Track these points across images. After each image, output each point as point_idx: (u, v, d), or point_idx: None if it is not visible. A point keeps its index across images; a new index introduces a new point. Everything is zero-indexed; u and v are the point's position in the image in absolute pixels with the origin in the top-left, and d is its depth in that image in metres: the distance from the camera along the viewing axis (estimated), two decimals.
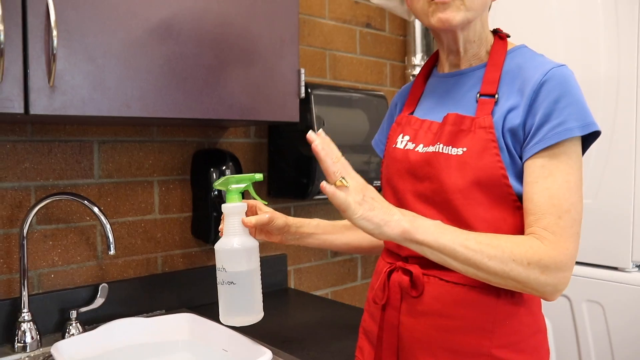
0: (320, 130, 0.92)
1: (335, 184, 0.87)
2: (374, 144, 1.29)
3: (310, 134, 0.90)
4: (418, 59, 2.25)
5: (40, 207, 1.35)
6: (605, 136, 1.67)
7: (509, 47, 1.07)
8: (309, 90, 1.71)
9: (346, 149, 1.74)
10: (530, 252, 0.89)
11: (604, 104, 1.68)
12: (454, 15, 0.99)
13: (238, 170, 1.65)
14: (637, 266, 1.69)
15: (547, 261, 0.89)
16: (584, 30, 1.73)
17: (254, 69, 1.40)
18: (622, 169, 1.65)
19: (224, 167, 1.61)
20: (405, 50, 2.33)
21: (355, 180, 0.89)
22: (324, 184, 0.87)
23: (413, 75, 2.26)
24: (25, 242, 1.34)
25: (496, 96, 1.00)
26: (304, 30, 1.98)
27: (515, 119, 0.96)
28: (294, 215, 1.94)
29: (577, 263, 1.75)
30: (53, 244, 1.46)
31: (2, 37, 1.03)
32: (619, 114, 1.66)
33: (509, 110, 0.97)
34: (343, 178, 0.88)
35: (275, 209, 1.17)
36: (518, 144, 0.97)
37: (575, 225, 0.93)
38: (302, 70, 1.48)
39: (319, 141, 0.89)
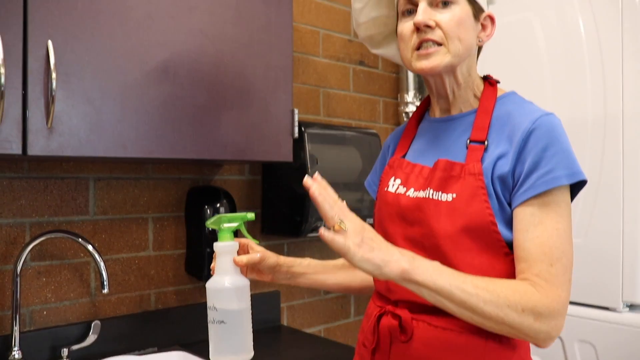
0: (316, 173, 0.94)
1: (333, 228, 0.90)
2: (366, 185, 1.31)
3: (307, 180, 0.92)
4: (410, 96, 2.29)
5: (35, 244, 1.36)
6: (593, 176, 1.69)
7: (499, 93, 1.09)
8: (303, 128, 1.74)
9: (339, 186, 1.76)
10: (525, 298, 0.91)
11: (591, 144, 1.72)
12: (438, 63, 1.02)
13: (232, 207, 1.66)
14: (628, 306, 1.70)
15: (541, 308, 0.91)
16: (571, 74, 1.77)
17: (248, 109, 1.43)
18: (611, 208, 1.67)
19: (218, 205, 1.63)
20: (398, 87, 2.37)
21: (353, 222, 0.91)
22: (322, 230, 0.89)
23: (406, 113, 2.29)
24: (18, 279, 1.35)
25: (486, 143, 1.02)
26: (299, 68, 2.02)
27: (504, 167, 0.98)
28: (287, 253, 1.95)
29: (569, 303, 1.76)
30: (46, 281, 1.46)
31: (2, 80, 1.06)
32: (606, 154, 1.69)
33: (499, 158, 0.99)
34: (341, 221, 0.90)
35: (269, 246, 1.18)
36: (507, 191, 0.99)
37: (567, 272, 0.94)
38: (296, 111, 1.51)
39: (316, 187, 0.91)
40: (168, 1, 1.28)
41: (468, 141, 1.04)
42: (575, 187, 0.99)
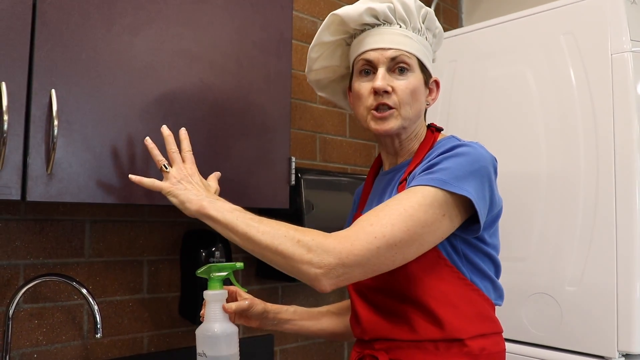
0: (183, 129, 1.22)
1: (161, 169, 1.13)
2: None
3: (163, 127, 1.19)
4: None
5: (29, 287, 1.36)
6: (587, 223, 1.71)
7: (440, 137, 1.16)
8: (299, 174, 1.76)
9: (335, 232, 1.77)
10: (306, 233, 0.94)
11: (585, 191, 1.74)
12: (391, 126, 1.10)
13: (227, 251, 1.67)
14: (623, 355, 1.69)
15: (319, 242, 0.93)
16: (564, 125, 1.81)
17: (246, 156, 1.45)
18: (604, 257, 1.69)
19: (213, 249, 1.63)
20: None
21: (183, 169, 1.13)
22: (131, 175, 1.14)
23: None
24: (10, 322, 1.34)
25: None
26: (296, 114, 2.05)
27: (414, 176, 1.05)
28: (282, 296, 1.95)
29: (564, 351, 1.75)
30: (38, 323, 1.46)
31: (5, 127, 1.07)
32: (600, 200, 1.71)
33: (412, 175, 1.06)
34: (165, 165, 1.13)
35: (263, 290, 1.21)
36: None
37: (380, 239, 0.93)
38: (293, 159, 1.54)
39: (164, 133, 1.18)
40: (170, 52, 1.32)
41: (398, 183, 1.10)
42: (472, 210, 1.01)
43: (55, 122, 1.13)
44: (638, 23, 1.74)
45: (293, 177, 1.53)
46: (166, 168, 1.12)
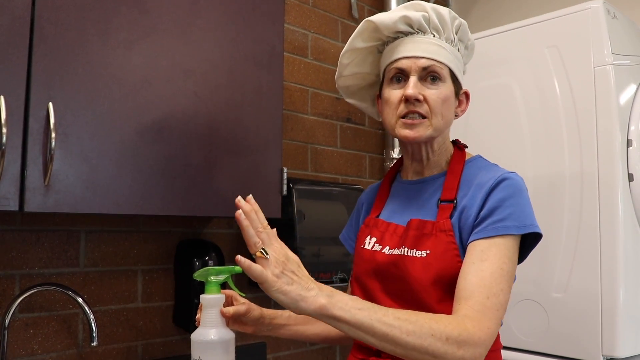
0: (250, 196, 0.96)
1: (255, 255, 0.91)
2: (342, 239, 1.37)
3: (239, 200, 0.94)
4: (396, 153, 2.36)
5: (24, 297, 1.38)
6: (572, 231, 1.75)
7: (467, 157, 1.18)
8: (291, 185, 1.80)
9: (327, 241, 1.80)
10: (450, 327, 0.92)
11: (570, 200, 1.78)
12: (420, 134, 1.11)
13: (220, 260, 1.69)
14: (607, 359, 1.73)
15: (466, 337, 0.92)
16: (549, 133, 1.85)
17: (239, 168, 1.48)
18: (589, 263, 1.72)
19: (206, 258, 1.66)
20: (384, 143, 2.44)
21: (276, 252, 0.92)
22: (239, 257, 0.89)
23: None
24: (6, 332, 1.36)
25: (455, 201, 1.10)
26: (287, 125, 2.08)
27: (468, 219, 1.06)
28: (275, 304, 1.96)
29: (551, 356, 1.79)
30: (34, 332, 1.47)
31: (4, 139, 1.10)
32: (584, 208, 1.75)
33: (463, 211, 1.07)
34: (264, 249, 0.91)
35: (256, 298, 1.21)
36: None
37: (501, 309, 0.99)
38: (285, 170, 1.57)
39: (247, 208, 0.93)
40: (165, 66, 1.35)
41: (439, 201, 1.11)
42: (532, 242, 1.06)
43: (53, 135, 1.16)
44: (619, 37, 1.79)
45: (285, 187, 1.56)
46: (266, 254, 0.91)
